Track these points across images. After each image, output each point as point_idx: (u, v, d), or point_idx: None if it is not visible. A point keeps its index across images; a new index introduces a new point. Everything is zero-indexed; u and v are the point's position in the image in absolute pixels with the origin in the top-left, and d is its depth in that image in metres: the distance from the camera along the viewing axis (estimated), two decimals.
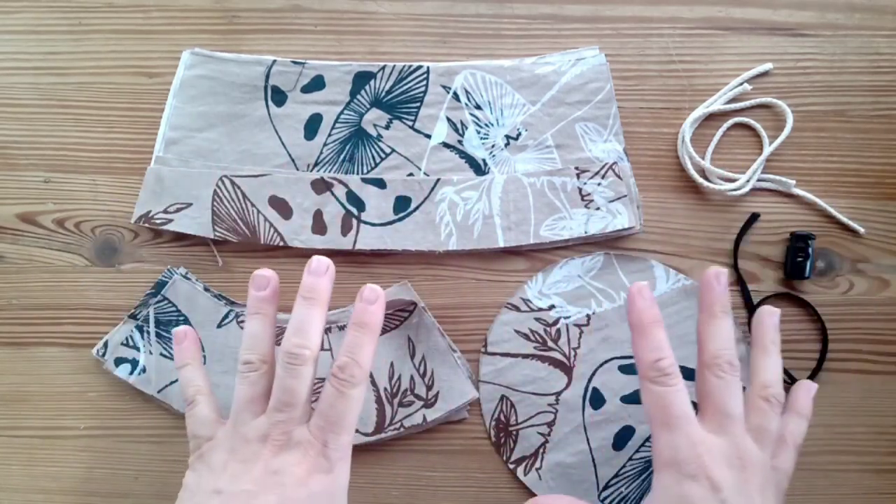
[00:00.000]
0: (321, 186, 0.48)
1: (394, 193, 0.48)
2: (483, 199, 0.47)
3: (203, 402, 0.38)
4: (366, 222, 0.47)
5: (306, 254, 0.48)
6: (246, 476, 0.34)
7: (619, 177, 0.47)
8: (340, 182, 0.48)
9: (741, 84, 0.48)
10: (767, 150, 0.47)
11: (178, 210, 0.48)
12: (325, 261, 0.37)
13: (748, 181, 0.47)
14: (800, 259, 0.47)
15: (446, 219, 0.47)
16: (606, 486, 0.47)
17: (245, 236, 0.47)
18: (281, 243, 0.47)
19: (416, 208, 0.47)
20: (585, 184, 0.47)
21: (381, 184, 0.48)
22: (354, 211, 0.47)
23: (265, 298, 0.38)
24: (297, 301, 0.36)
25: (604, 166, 0.47)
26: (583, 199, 0.47)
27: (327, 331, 0.48)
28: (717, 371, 0.36)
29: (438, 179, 0.47)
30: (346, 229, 0.47)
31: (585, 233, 0.46)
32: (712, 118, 0.48)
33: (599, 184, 0.47)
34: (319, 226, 0.47)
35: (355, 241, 0.47)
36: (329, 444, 0.35)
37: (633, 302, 0.37)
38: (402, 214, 0.47)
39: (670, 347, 0.36)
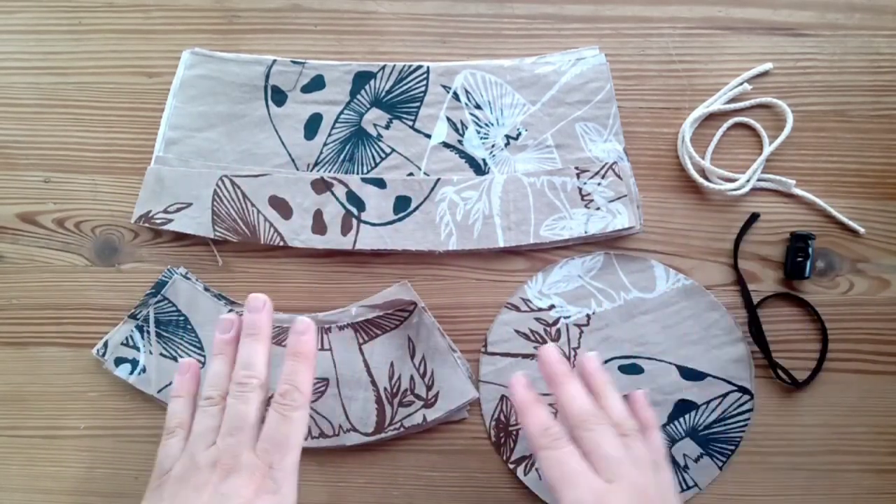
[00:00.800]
0: (321, 186, 0.48)
1: (394, 193, 0.48)
2: (483, 199, 0.47)
3: (180, 437, 0.39)
4: (366, 222, 0.47)
5: (307, 253, 0.48)
6: (196, 502, 0.35)
7: (619, 177, 0.47)
8: (340, 182, 0.48)
9: (741, 84, 0.48)
10: (767, 150, 0.47)
11: (178, 210, 0.48)
12: (261, 297, 0.40)
13: (748, 181, 0.47)
14: (800, 259, 0.47)
15: (446, 219, 0.47)
16: None
17: (245, 236, 0.47)
18: (281, 243, 0.47)
19: (416, 208, 0.47)
20: (585, 184, 0.47)
21: (381, 184, 0.48)
22: (354, 211, 0.47)
23: (228, 341, 0.40)
24: (242, 338, 0.40)
25: (604, 166, 0.47)
26: (583, 199, 0.47)
27: (327, 330, 0.48)
28: (585, 427, 0.38)
29: (438, 179, 0.47)
30: (346, 229, 0.47)
31: (585, 232, 0.46)
32: (712, 118, 0.48)
33: (599, 184, 0.47)
34: (319, 225, 0.47)
35: (355, 241, 0.47)
36: (275, 465, 0.36)
37: (513, 388, 0.40)
38: (402, 214, 0.47)
39: (555, 420, 0.39)
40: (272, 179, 0.48)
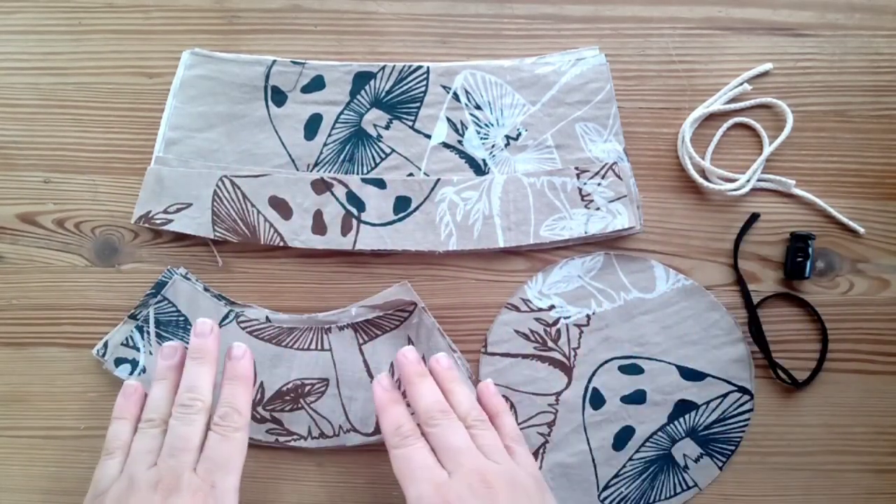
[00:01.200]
0: (321, 186, 0.48)
1: (394, 193, 0.48)
2: (483, 200, 0.47)
3: (119, 458, 0.39)
4: (366, 222, 0.47)
5: (307, 253, 0.48)
6: None
7: (619, 177, 0.47)
8: (340, 182, 0.48)
9: (741, 84, 0.48)
10: (767, 150, 0.47)
11: (178, 210, 0.48)
12: (208, 322, 0.42)
13: (748, 181, 0.47)
14: (800, 259, 0.47)
15: (446, 219, 0.47)
16: (606, 487, 0.47)
17: (245, 236, 0.47)
18: (281, 243, 0.47)
19: (416, 208, 0.47)
20: (585, 184, 0.47)
21: (381, 184, 0.48)
22: (354, 211, 0.47)
23: (171, 367, 0.42)
24: (187, 361, 0.41)
25: (604, 166, 0.47)
26: (583, 199, 0.47)
27: (327, 331, 0.48)
28: (431, 422, 0.39)
29: (438, 180, 0.47)
30: (346, 229, 0.47)
31: (585, 233, 0.46)
32: (712, 118, 0.48)
33: (599, 184, 0.46)
34: (319, 226, 0.47)
35: (355, 242, 0.47)
36: (217, 485, 0.37)
37: (374, 389, 0.42)
38: (402, 214, 0.47)
39: (409, 418, 0.41)
40: (272, 180, 0.48)
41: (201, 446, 0.38)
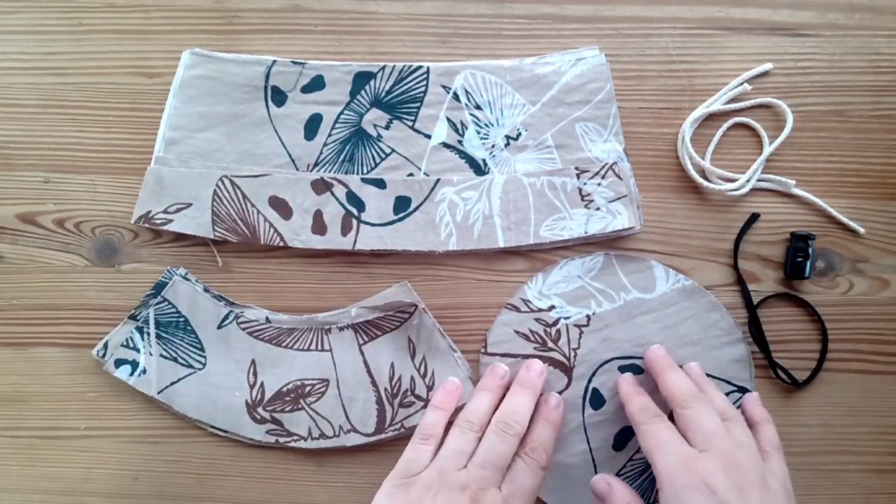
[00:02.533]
0: (321, 187, 0.47)
1: (394, 194, 0.47)
2: (483, 200, 0.47)
3: (432, 448, 0.42)
4: (366, 222, 0.47)
5: (307, 253, 0.48)
6: None
7: (619, 177, 0.47)
8: (340, 182, 0.48)
9: (741, 84, 0.48)
10: (767, 150, 0.47)
11: (177, 210, 0.48)
12: (542, 365, 0.46)
13: (748, 181, 0.47)
14: (800, 259, 0.47)
15: (446, 219, 0.47)
16: None
17: (245, 236, 0.47)
18: (281, 243, 0.47)
19: (416, 208, 0.47)
20: (585, 184, 0.47)
21: (381, 184, 0.48)
22: (354, 211, 0.47)
23: (500, 385, 0.45)
24: (515, 386, 0.45)
25: (604, 166, 0.47)
26: (583, 199, 0.47)
27: (327, 331, 0.48)
28: (685, 404, 0.41)
29: (438, 180, 0.47)
30: (346, 229, 0.47)
31: (585, 233, 0.46)
32: (712, 118, 0.48)
33: (599, 184, 0.46)
34: (319, 226, 0.47)
35: (355, 242, 0.47)
36: None
37: (620, 385, 0.46)
38: (402, 214, 0.47)
39: (654, 405, 0.43)
40: (272, 179, 0.48)
41: (507, 465, 0.41)
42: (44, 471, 0.49)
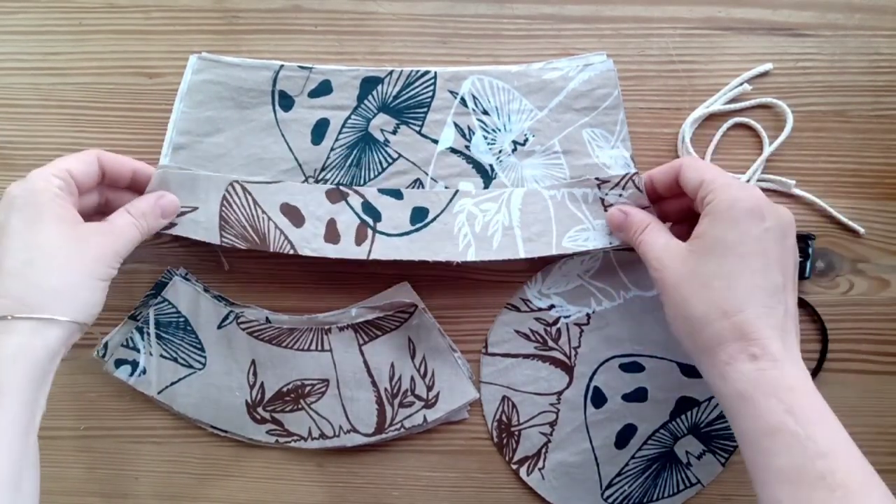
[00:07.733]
0: (336, 196, 0.47)
1: (411, 204, 0.47)
2: (503, 211, 0.46)
3: None
4: (381, 233, 0.46)
5: (314, 260, 0.47)
6: None
7: (639, 189, 0.45)
8: (356, 192, 0.47)
9: (741, 84, 0.48)
10: (767, 150, 0.47)
11: (182, 214, 0.47)
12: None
13: (748, 181, 0.47)
14: (800, 259, 0.47)
15: (464, 230, 0.46)
16: (610, 485, 0.47)
17: (254, 243, 0.46)
18: (291, 251, 0.46)
19: (434, 219, 0.46)
20: (607, 194, 0.46)
21: (397, 194, 0.47)
22: (370, 221, 0.47)
23: None
24: None
25: (624, 177, 0.46)
26: (605, 210, 0.46)
27: (327, 331, 0.48)
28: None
29: (457, 191, 0.47)
30: (360, 239, 0.46)
31: (610, 244, 0.45)
32: (712, 118, 0.48)
33: (620, 195, 0.46)
34: (332, 234, 0.46)
35: (370, 251, 0.46)
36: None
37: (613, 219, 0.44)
38: (419, 225, 0.46)
39: None
40: (285, 187, 0.47)
41: None
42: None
